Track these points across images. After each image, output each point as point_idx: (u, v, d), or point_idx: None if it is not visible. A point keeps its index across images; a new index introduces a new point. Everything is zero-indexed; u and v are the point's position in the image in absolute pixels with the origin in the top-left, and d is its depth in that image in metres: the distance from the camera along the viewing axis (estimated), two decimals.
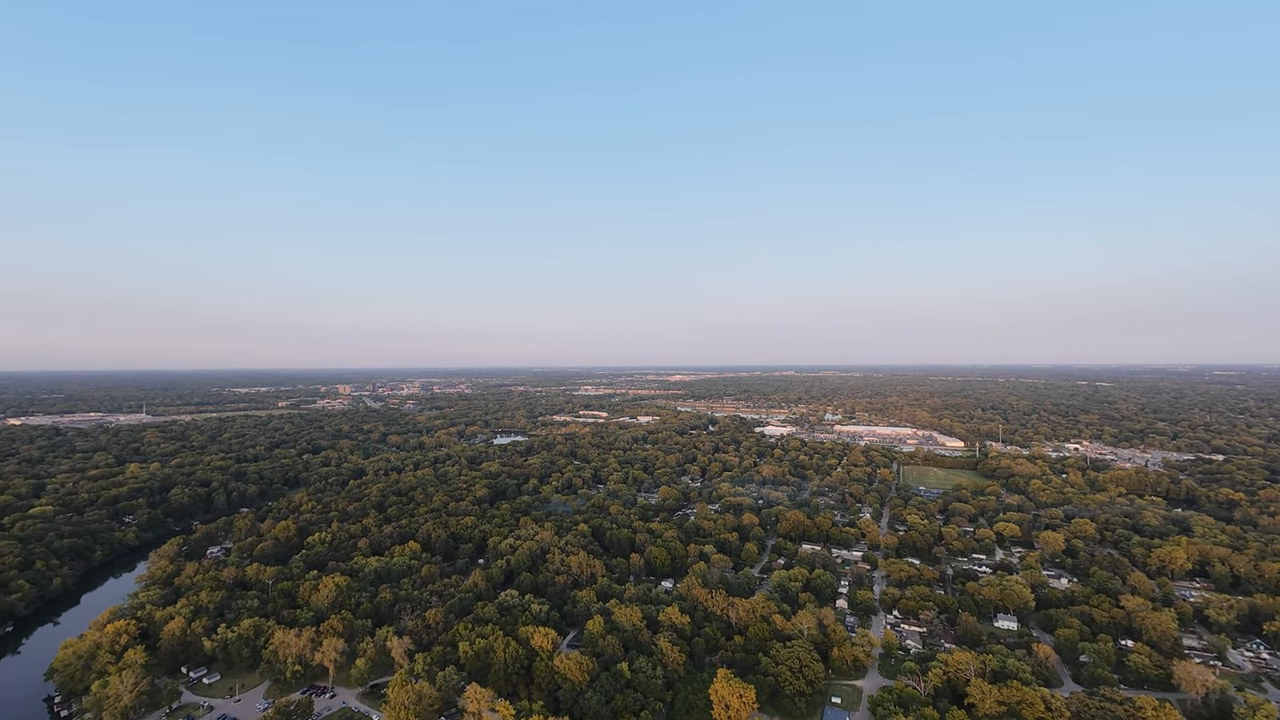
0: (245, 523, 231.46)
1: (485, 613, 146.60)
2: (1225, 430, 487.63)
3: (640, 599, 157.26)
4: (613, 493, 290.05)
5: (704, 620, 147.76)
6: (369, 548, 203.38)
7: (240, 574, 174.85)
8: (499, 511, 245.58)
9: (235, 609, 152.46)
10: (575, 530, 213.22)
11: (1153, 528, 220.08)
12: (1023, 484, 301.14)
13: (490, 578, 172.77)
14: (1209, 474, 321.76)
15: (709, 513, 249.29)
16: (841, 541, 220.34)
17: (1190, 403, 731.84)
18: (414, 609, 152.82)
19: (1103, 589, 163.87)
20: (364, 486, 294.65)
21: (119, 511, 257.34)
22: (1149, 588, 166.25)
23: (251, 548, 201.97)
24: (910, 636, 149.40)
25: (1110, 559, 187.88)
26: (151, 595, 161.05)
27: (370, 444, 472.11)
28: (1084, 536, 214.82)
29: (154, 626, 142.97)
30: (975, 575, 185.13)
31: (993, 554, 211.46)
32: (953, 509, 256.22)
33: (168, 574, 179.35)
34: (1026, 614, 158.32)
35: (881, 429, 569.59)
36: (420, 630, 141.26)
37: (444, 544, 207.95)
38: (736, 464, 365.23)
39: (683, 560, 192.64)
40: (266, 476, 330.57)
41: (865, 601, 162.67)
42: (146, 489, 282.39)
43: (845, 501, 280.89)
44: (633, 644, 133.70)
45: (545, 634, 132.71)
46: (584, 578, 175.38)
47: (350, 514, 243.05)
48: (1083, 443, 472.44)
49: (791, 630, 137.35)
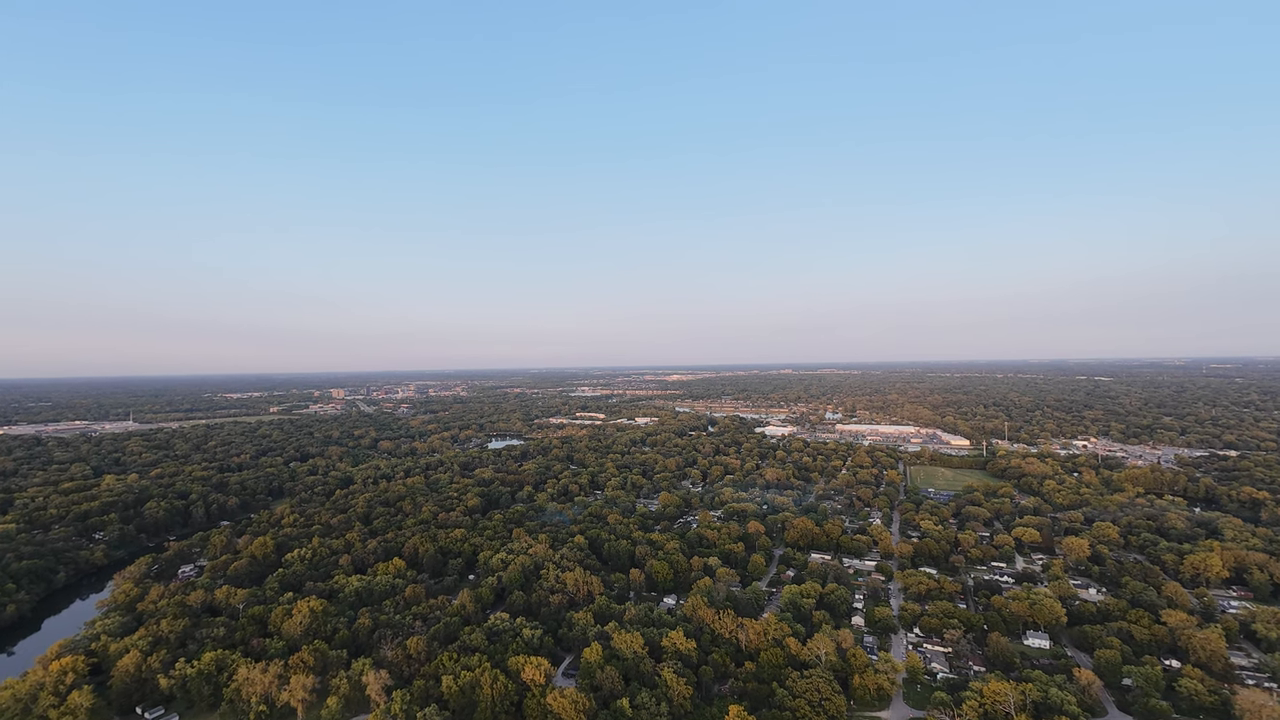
0: (221, 539, 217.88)
1: (472, 640, 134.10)
2: (1234, 425, 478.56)
3: (641, 621, 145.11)
4: (611, 500, 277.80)
5: (711, 644, 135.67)
6: (351, 565, 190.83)
7: (209, 598, 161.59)
8: (491, 522, 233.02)
9: (199, 639, 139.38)
10: (571, 543, 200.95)
11: (1179, 531, 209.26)
12: (1036, 485, 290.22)
13: (479, 598, 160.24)
14: (1226, 471, 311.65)
15: (712, 520, 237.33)
16: (852, 550, 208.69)
17: (1193, 396, 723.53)
18: (395, 636, 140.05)
19: (1138, 602, 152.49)
20: (350, 497, 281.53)
21: (89, 528, 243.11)
22: (1187, 599, 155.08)
23: (225, 567, 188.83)
24: (935, 658, 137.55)
25: (1141, 567, 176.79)
26: (109, 624, 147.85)
27: (360, 450, 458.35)
28: (1108, 541, 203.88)
29: (108, 661, 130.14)
30: (998, 587, 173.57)
31: (1013, 562, 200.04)
32: (966, 513, 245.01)
33: (131, 598, 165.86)
34: (1058, 630, 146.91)
35: (884, 428, 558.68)
36: (401, 661, 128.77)
37: (432, 559, 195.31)
38: (738, 467, 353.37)
39: (686, 574, 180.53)
40: (249, 487, 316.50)
41: (884, 619, 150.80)
42: (120, 503, 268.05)
43: (853, 506, 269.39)
44: (634, 675, 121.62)
45: (537, 665, 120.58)
46: (580, 596, 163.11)
47: (334, 528, 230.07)
48: (1090, 439, 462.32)
49: (808, 656, 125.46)
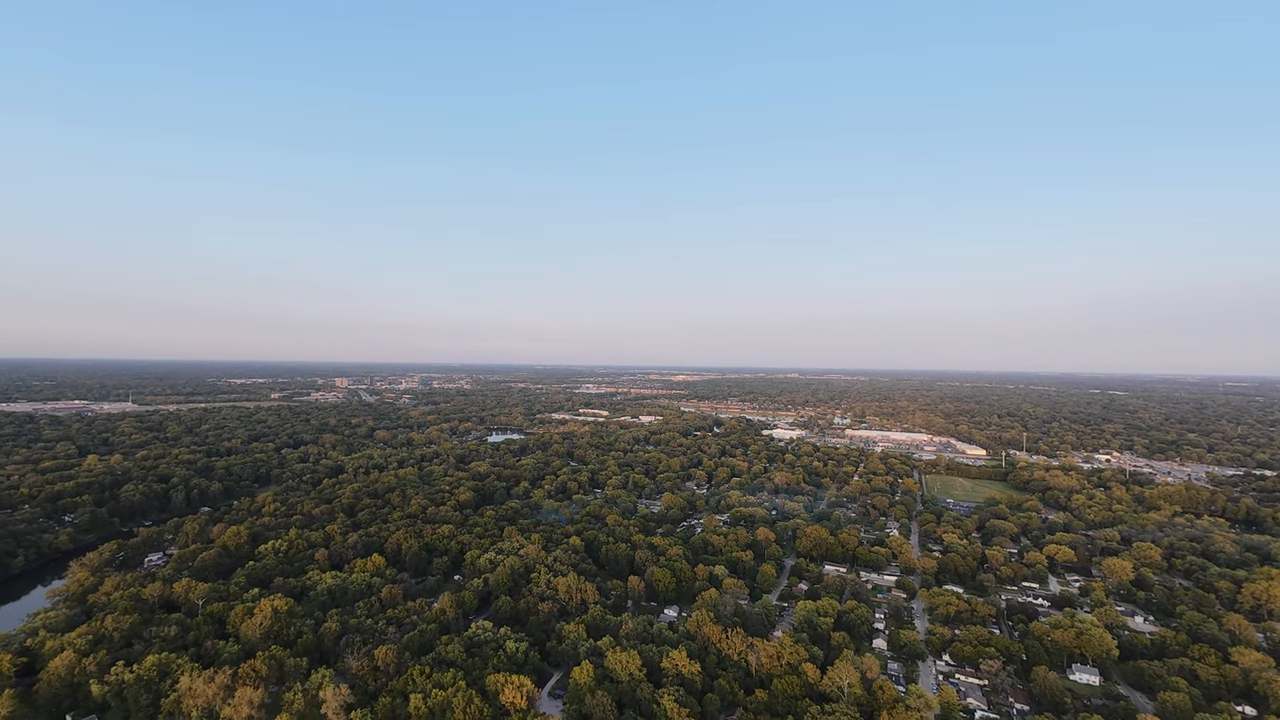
0: (195, 526, 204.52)
1: (449, 652, 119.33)
2: (1264, 444, 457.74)
3: (639, 636, 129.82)
4: (610, 499, 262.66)
5: (717, 667, 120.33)
6: (328, 560, 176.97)
7: (167, 591, 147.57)
8: (482, 519, 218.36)
9: (148, 638, 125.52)
10: (566, 544, 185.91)
11: (1227, 555, 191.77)
12: (1063, 499, 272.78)
13: (461, 603, 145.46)
14: (1266, 491, 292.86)
15: (718, 525, 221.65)
16: (870, 563, 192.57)
17: (1214, 414, 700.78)
18: (365, 643, 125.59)
19: (1198, 636, 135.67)
20: (338, 486, 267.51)
21: (60, 510, 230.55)
22: (1252, 634, 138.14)
23: (193, 557, 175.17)
24: (970, 691, 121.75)
25: (1195, 595, 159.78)
26: (53, 617, 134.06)
27: (356, 439, 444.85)
28: (1151, 564, 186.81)
29: (42, 661, 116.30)
30: (1034, 611, 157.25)
31: (1045, 583, 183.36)
32: (991, 526, 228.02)
33: (84, 588, 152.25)
34: (1108, 665, 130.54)
35: (896, 434, 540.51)
36: (367, 674, 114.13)
37: (415, 557, 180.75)
38: (745, 469, 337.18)
39: (689, 584, 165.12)
40: (235, 472, 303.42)
41: (910, 644, 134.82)
42: (97, 484, 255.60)
43: (868, 514, 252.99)
44: (629, 701, 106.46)
45: (519, 685, 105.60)
46: (573, 605, 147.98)
47: (315, 518, 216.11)
48: (1113, 453, 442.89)
49: (828, 687, 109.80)
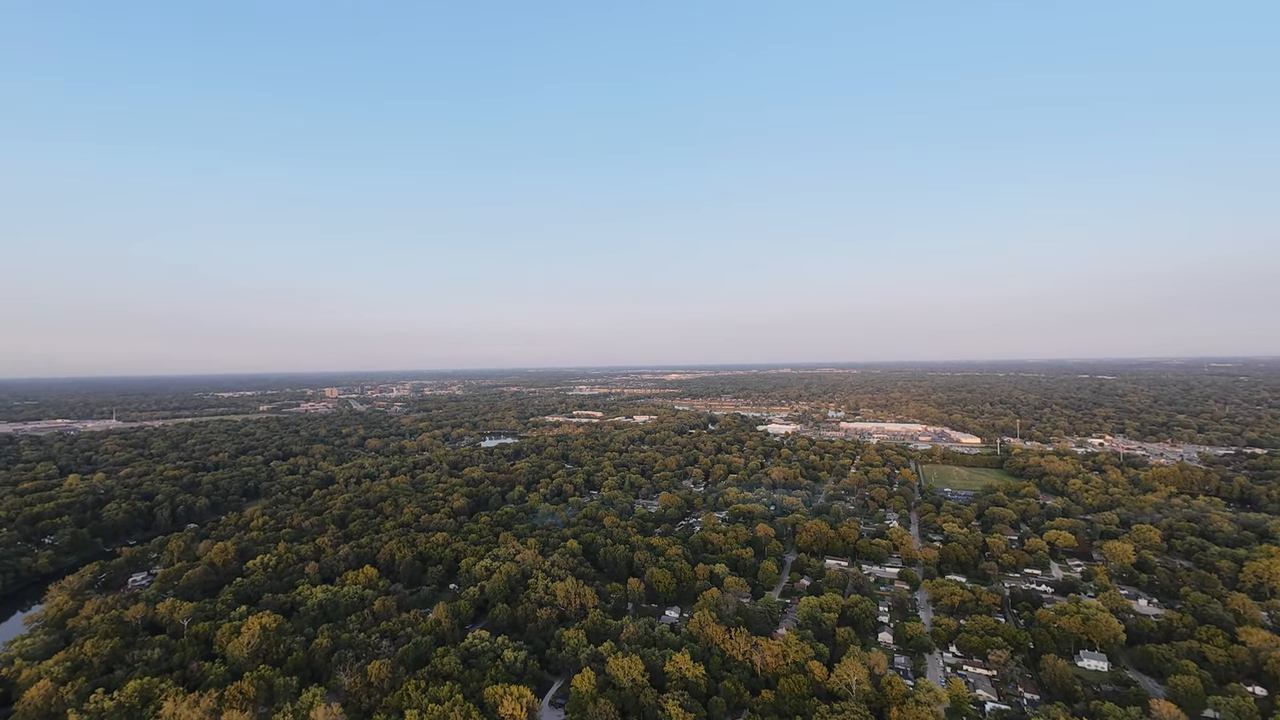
0: (180, 544, 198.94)
1: (445, 664, 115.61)
2: (1253, 422, 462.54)
3: (641, 640, 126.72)
4: (607, 500, 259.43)
5: (722, 668, 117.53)
6: (318, 574, 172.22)
7: (150, 612, 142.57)
8: (477, 525, 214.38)
9: (130, 662, 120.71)
10: (563, 548, 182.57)
11: (1226, 534, 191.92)
12: (1060, 484, 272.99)
13: (457, 612, 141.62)
14: (1259, 470, 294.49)
15: (716, 523, 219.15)
16: (871, 556, 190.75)
17: (1202, 394, 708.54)
18: (357, 658, 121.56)
19: (1204, 617, 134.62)
20: (329, 498, 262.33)
21: (40, 531, 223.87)
22: (1257, 614, 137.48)
23: (179, 575, 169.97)
24: (979, 683, 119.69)
25: (1195, 575, 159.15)
26: (31, 644, 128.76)
27: (347, 449, 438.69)
28: (1151, 546, 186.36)
29: (18, 690, 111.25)
30: (1038, 598, 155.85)
31: (1048, 569, 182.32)
32: (990, 514, 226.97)
33: (64, 612, 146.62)
34: (1115, 650, 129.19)
35: (890, 425, 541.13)
36: (360, 690, 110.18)
37: (408, 567, 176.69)
38: (742, 465, 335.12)
39: (690, 584, 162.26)
40: (223, 487, 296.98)
41: (916, 636, 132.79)
42: (79, 504, 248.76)
43: (866, 507, 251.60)
44: (633, 708, 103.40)
45: (518, 696, 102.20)
46: (572, 610, 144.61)
47: (305, 531, 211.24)
48: (1106, 437, 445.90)
49: (836, 685, 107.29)
